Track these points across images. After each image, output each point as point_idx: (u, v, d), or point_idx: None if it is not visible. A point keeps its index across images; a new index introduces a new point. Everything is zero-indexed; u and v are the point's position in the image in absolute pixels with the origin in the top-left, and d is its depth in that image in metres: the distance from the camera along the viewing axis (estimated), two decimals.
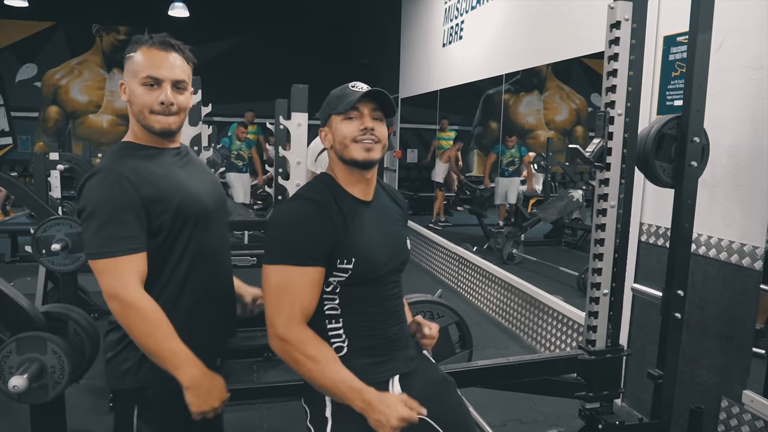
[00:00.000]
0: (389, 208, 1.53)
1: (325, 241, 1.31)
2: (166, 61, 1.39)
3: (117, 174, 1.32)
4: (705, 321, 2.52)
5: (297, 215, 1.33)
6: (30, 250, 3.25)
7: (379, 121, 1.39)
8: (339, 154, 1.40)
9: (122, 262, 1.29)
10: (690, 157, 1.95)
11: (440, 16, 6.06)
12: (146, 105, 1.38)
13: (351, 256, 1.33)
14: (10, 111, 10.43)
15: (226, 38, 10.59)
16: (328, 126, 1.42)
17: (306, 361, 1.29)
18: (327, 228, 1.31)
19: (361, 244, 1.35)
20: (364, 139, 1.35)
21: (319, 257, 1.30)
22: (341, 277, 1.34)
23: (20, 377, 1.41)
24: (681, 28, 2.63)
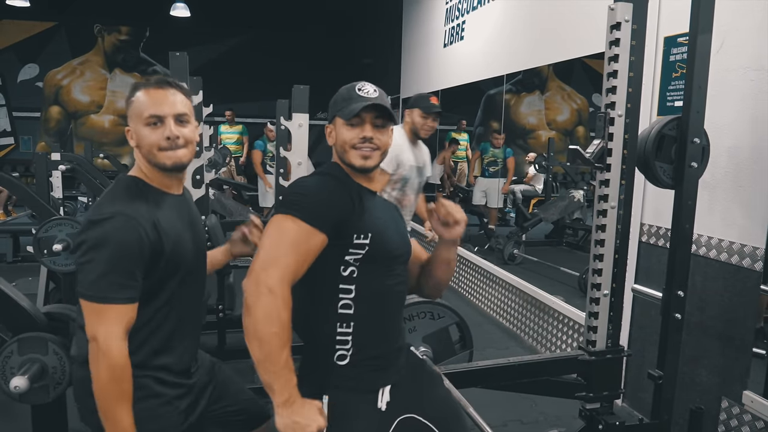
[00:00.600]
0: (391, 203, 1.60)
1: (340, 212, 1.33)
2: (165, 98, 1.42)
3: (135, 222, 1.32)
4: (705, 321, 2.52)
5: (321, 183, 1.38)
6: (32, 250, 3.26)
7: (381, 128, 1.43)
8: (339, 155, 1.45)
9: (114, 311, 1.28)
10: (690, 158, 1.96)
11: (441, 16, 6.06)
12: (153, 144, 1.40)
13: (368, 231, 1.35)
14: (11, 111, 10.45)
15: (227, 38, 10.60)
16: (333, 125, 1.46)
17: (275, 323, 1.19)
18: (345, 201, 1.35)
19: (375, 222, 1.39)
20: (362, 147, 1.40)
21: (330, 226, 1.31)
22: (358, 254, 1.34)
23: (22, 378, 1.42)
24: (681, 29, 2.63)
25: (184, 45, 2.91)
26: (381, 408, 1.40)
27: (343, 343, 1.36)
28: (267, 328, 1.19)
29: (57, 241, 3.12)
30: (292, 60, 9.99)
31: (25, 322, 1.50)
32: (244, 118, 8.61)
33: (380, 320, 1.41)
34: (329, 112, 1.48)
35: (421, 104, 3.01)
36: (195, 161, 2.79)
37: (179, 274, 1.41)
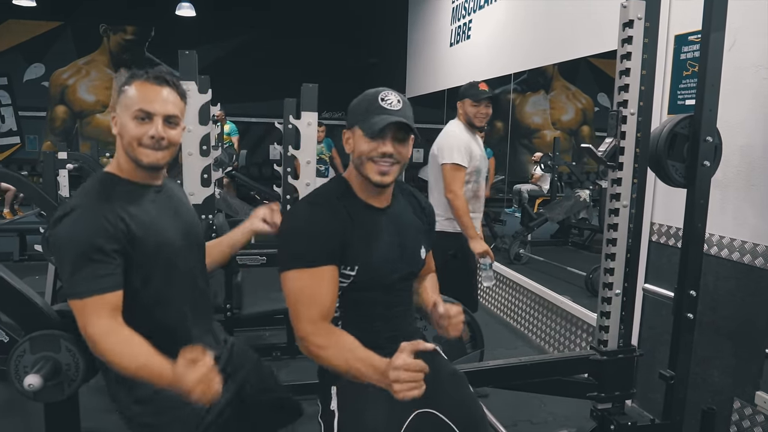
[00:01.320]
0: (406, 217, 1.53)
1: (332, 240, 1.33)
2: (159, 95, 1.39)
3: (93, 212, 1.32)
4: (717, 321, 2.51)
5: (300, 220, 1.37)
6: (39, 249, 3.27)
7: (402, 142, 1.39)
8: (356, 165, 1.41)
9: (91, 304, 1.30)
10: (703, 157, 1.94)
11: (447, 15, 6.05)
12: (135, 137, 1.38)
13: (355, 264, 1.36)
14: (17, 110, 10.48)
15: (233, 37, 10.60)
16: (351, 132, 1.42)
17: (320, 351, 1.31)
18: (331, 228, 1.34)
19: (366, 251, 1.37)
20: (381, 162, 1.37)
21: (327, 256, 1.33)
22: (343, 283, 1.37)
23: (35, 376, 1.41)
24: (692, 27, 2.61)
25: (189, 44, 2.90)
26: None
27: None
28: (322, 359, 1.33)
29: None
30: (299, 59, 9.99)
31: (37, 319, 1.50)
32: (250, 117, 8.62)
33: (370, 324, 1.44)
34: (349, 117, 1.43)
35: (469, 93, 3.00)
36: (203, 160, 2.79)
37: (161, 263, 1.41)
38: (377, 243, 1.40)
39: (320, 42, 10.43)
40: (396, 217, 1.49)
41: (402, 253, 1.46)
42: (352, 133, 1.41)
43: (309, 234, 1.34)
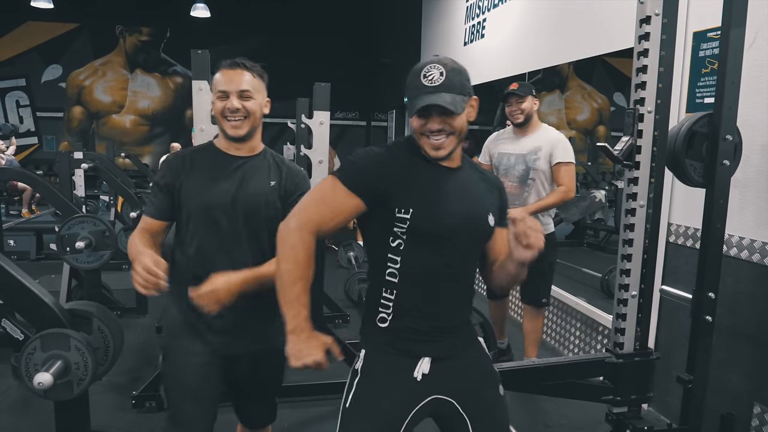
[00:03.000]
0: (475, 181, 1.50)
1: (382, 182, 1.35)
2: (233, 77, 1.68)
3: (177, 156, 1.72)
4: (736, 324, 2.46)
5: (375, 153, 1.41)
6: (55, 247, 3.29)
7: (450, 115, 1.35)
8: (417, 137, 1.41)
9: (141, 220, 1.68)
10: (722, 156, 1.90)
11: (462, 14, 6.02)
12: (218, 111, 1.67)
13: (408, 206, 1.35)
14: (35, 111, 10.62)
15: (247, 38, 10.65)
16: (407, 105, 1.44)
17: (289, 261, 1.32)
18: (391, 172, 1.36)
19: (422, 196, 1.37)
20: (432, 136, 1.36)
21: (367, 192, 1.35)
22: (401, 227, 1.36)
23: (45, 374, 1.41)
24: (711, 23, 2.57)
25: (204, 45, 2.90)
26: (416, 377, 1.39)
27: (386, 308, 1.40)
28: (282, 265, 1.32)
29: (80, 239, 3.15)
30: (312, 58, 10.01)
31: (48, 318, 1.50)
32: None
33: (420, 296, 1.40)
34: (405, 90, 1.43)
35: (502, 97, 3.17)
36: None
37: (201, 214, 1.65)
38: (433, 191, 1.39)
39: (333, 42, 10.44)
40: (460, 178, 1.46)
41: (462, 211, 1.42)
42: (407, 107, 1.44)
43: (360, 162, 1.38)
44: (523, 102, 3.08)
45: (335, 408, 1.46)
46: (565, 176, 3.02)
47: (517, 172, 3.14)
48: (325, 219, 1.35)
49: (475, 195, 1.47)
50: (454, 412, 1.43)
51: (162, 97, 10.91)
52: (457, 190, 1.43)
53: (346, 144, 11.13)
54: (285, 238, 1.33)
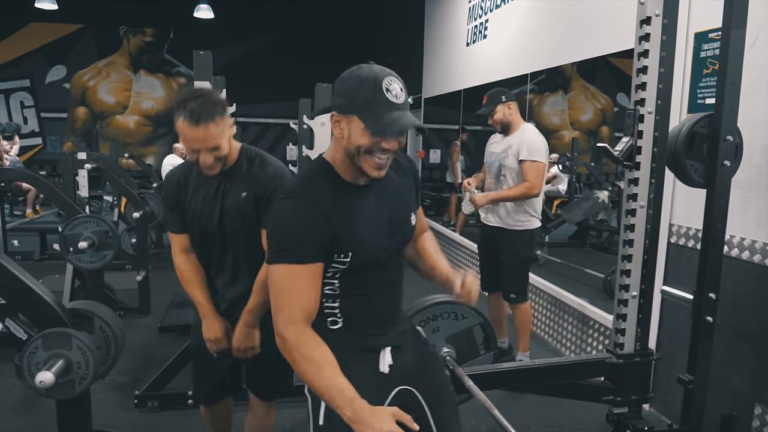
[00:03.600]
0: (391, 185, 1.43)
1: (319, 238, 1.29)
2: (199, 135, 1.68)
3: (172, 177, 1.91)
4: (737, 325, 2.46)
5: (291, 215, 1.29)
6: (58, 248, 3.31)
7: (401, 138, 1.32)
8: (348, 153, 1.31)
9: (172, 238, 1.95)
10: (723, 157, 1.90)
11: (464, 15, 6.02)
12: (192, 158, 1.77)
13: (348, 251, 1.32)
14: (40, 112, 10.66)
15: (250, 39, 10.68)
16: (346, 119, 1.28)
17: (302, 362, 1.26)
18: (320, 225, 1.28)
19: (357, 236, 1.33)
20: (380, 155, 1.28)
21: (315, 254, 1.29)
22: (339, 267, 1.35)
23: (47, 373, 1.42)
24: (712, 24, 2.56)
25: (208, 46, 2.92)
26: (383, 371, 1.40)
27: (332, 315, 1.41)
28: (299, 369, 1.27)
29: (82, 239, 3.16)
30: (315, 59, 10.02)
31: (50, 317, 1.51)
32: (266, 118, 8.67)
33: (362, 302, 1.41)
34: (344, 100, 1.28)
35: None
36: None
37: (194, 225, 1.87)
38: (365, 225, 1.35)
39: (336, 43, 10.46)
40: (380, 188, 1.40)
41: (390, 228, 1.40)
42: (347, 121, 1.28)
43: (293, 232, 1.29)
44: (495, 114, 3.28)
45: None
46: (529, 173, 3.15)
47: (494, 170, 3.35)
48: (305, 303, 1.29)
49: (397, 203, 1.44)
50: (414, 401, 1.44)
51: (165, 97, 10.94)
52: (380, 211, 1.39)
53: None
54: (288, 349, 1.28)
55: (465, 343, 2.20)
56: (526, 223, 3.26)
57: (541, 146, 3.18)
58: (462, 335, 2.19)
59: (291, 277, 1.28)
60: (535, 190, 3.16)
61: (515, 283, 3.32)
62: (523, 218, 3.25)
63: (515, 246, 3.27)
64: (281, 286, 1.29)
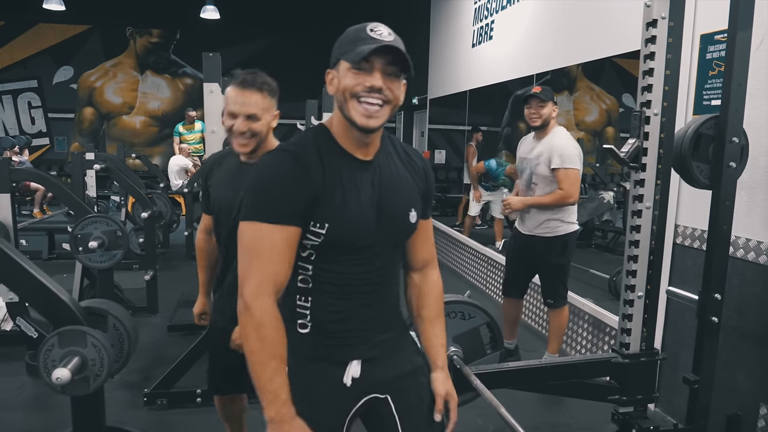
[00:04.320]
0: (393, 174, 1.32)
1: (300, 198, 1.18)
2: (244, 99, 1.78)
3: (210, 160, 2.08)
4: (743, 326, 2.47)
5: (273, 169, 1.20)
6: (67, 247, 3.34)
7: (393, 77, 1.21)
8: (339, 105, 1.23)
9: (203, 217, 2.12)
10: (728, 158, 1.92)
11: (470, 16, 6.04)
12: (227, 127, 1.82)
13: (324, 221, 1.20)
14: (47, 112, 10.73)
15: (256, 40, 10.71)
16: (335, 69, 1.23)
17: (254, 342, 1.15)
18: (303, 185, 1.18)
19: (338, 209, 1.21)
20: (368, 100, 1.18)
21: (293, 216, 1.18)
22: (314, 241, 1.22)
23: (63, 369, 1.45)
24: (718, 26, 2.58)
25: (214, 47, 2.96)
26: (346, 383, 1.29)
27: (303, 316, 1.29)
28: (248, 345, 1.16)
29: (92, 239, 3.20)
30: (321, 60, 10.03)
31: (65, 315, 1.54)
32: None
33: (338, 303, 1.28)
34: (333, 54, 1.26)
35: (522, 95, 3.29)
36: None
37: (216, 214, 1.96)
38: (351, 199, 1.23)
39: None
40: (380, 172, 1.29)
41: (380, 216, 1.27)
42: (336, 71, 1.23)
43: (275, 188, 1.18)
44: (543, 107, 3.14)
45: None
46: (564, 181, 3.08)
47: (525, 176, 3.28)
48: (277, 270, 1.18)
49: (396, 193, 1.31)
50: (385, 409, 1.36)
51: (172, 98, 10.99)
52: (372, 193, 1.27)
53: None
54: (247, 322, 1.16)
55: (472, 343, 2.22)
56: (557, 230, 3.21)
57: (575, 152, 3.10)
58: (469, 335, 2.21)
59: (264, 239, 1.17)
60: (570, 199, 3.11)
61: (551, 289, 3.33)
62: (552, 225, 3.21)
63: (546, 253, 3.25)
64: (253, 247, 1.18)
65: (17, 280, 1.55)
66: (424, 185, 1.39)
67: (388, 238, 1.31)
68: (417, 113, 8.61)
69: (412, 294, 1.48)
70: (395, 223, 1.31)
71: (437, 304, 1.46)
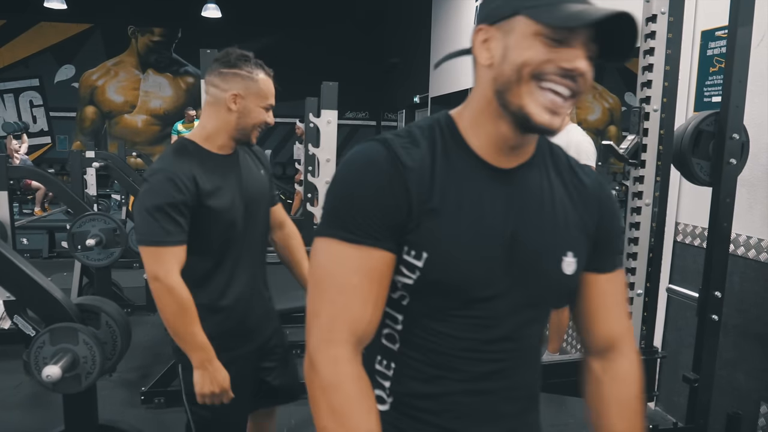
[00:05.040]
0: (548, 196, 0.87)
1: (394, 212, 0.79)
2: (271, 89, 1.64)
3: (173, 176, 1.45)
4: (744, 324, 2.45)
5: (361, 167, 0.82)
6: (65, 245, 3.34)
7: (590, 60, 0.78)
8: (500, 87, 0.79)
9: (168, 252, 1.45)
10: (729, 155, 1.90)
11: (471, 14, 6.02)
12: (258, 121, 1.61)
13: (422, 248, 0.80)
14: (49, 111, 10.74)
15: (257, 38, 10.68)
16: (496, 28, 0.79)
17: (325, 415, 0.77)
18: (398, 192, 0.79)
19: (447, 231, 0.80)
20: (556, 88, 0.76)
21: (382, 234, 0.79)
22: (407, 278, 0.82)
23: (54, 367, 1.44)
24: (719, 22, 2.55)
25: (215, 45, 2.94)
26: None
27: (381, 387, 0.89)
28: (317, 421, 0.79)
29: (90, 236, 3.19)
30: (322, 59, 10.05)
31: (57, 312, 1.53)
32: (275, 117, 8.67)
33: (440, 381, 0.85)
34: (494, 2, 0.80)
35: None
36: None
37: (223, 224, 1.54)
38: (469, 222, 0.81)
39: (343, 42, 10.48)
40: (522, 190, 0.85)
41: (512, 255, 0.83)
42: (502, 32, 0.78)
43: (360, 193, 0.80)
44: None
45: None
46: None
47: None
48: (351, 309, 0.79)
49: (543, 221, 0.85)
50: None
51: (173, 97, 10.99)
52: (510, 216, 0.83)
53: (356, 144, 11.15)
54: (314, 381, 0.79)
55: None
56: None
57: (590, 148, 3.05)
58: None
59: (341, 264, 0.80)
60: None
61: None
62: None
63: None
64: (325, 274, 0.81)
65: (8, 277, 1.54)
66: (595, 220, 0.91)
67: (523, 292, 0.85)
68: (418, 112, 8.59)
69: (591, 392, 0.99)
70: (536, 272, 0.85)
71: (630, 416, 0.97)
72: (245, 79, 1.57)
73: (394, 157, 0.81)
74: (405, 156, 0.81)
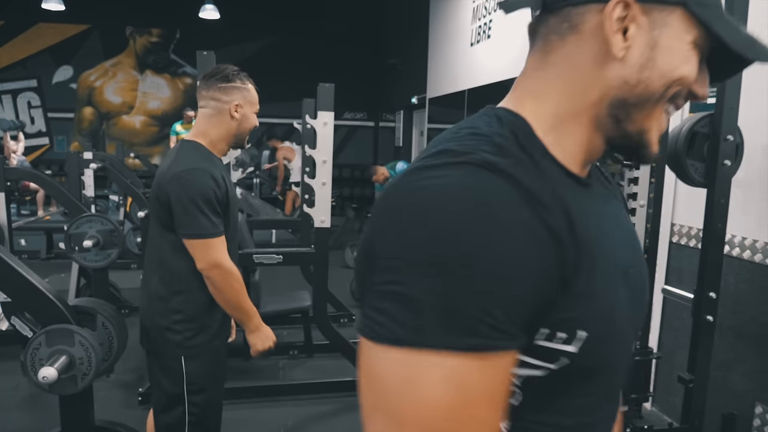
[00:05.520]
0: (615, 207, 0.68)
1: (544, 283, 0.51)
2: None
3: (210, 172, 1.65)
4: (739, 325, 2.46)
5: (486, 214, 0.49)
6: (63, 246, 3.34)
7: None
8: (632, 98, 0.58)
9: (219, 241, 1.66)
10: (723, 156, 1.91)
11: (468, 15, 6.03)
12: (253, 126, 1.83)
13: (576, 326, 0.54)
14: (47, 112, 10.73)
15: (255, 40, 10.71)
16: (645, 10, 0.56)
17: None
18: (549, 251, 0.50)
19: (608, 292, 0.57)
20: (671, 111, 0.61)
21: (522, 324, 0.50)
22: (534, 371, 0.55)
23: (49, 368, 1.44)
24: None
25: (213, 46, 2.94)
26: None
27: None
28: None
29: (87, 238, 3.18)
30: (320, 60, 10.06)
31: (53, 314, 1.53)
32: (271, 118, 8.68)
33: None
34: None
35: None
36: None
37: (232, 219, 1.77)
38: (614, 268, 0.59)
39: (341, 43, 10.49)
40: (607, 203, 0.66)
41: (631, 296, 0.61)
42: (647, 15, 0.55)
43: (495, 261, 0.48)
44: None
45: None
46: None
47: None
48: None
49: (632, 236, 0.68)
50: None
51: (172, 98, 10.99)
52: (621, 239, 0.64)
53: (354, 144, 11.18)
54: None
55: None
56: None
57: None
58: None
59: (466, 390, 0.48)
60: None
61: None
62: None
63: None
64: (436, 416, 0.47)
65: (4, 278, 1.54)
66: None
67: (632, 344, 0.69)
68: (416, 112, 8.59)
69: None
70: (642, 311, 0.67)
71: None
72: (241, 90, 1.78)
73: (524, 191, 0.50)
74: (532, 185, 0.51)
